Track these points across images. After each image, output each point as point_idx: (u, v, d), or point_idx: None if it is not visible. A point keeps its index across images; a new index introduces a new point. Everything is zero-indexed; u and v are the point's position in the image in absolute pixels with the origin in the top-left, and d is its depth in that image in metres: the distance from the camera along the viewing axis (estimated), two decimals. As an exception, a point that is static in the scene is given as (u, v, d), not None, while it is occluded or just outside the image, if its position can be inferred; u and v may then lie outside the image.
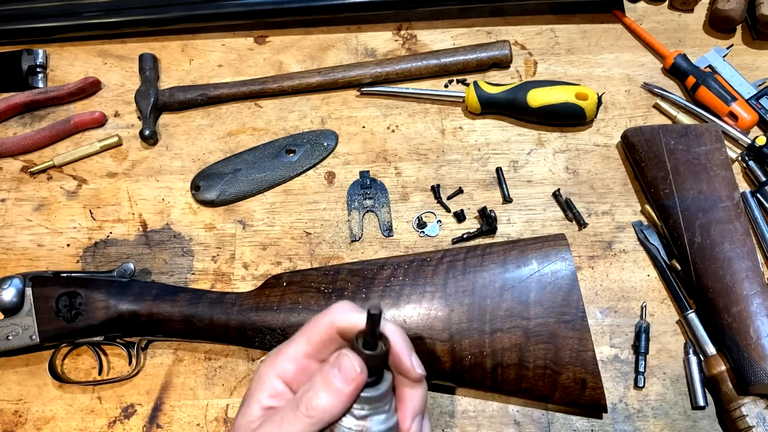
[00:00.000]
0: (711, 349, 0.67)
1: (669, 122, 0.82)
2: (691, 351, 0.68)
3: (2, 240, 0.79)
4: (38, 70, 0.88)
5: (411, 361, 0.46)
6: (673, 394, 0.68)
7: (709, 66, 0.83)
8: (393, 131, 0.83)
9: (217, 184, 0.79)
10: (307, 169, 0.81)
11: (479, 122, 0.83)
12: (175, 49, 0.90)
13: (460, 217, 0.77)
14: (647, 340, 0.69)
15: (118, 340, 0.70)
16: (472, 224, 0.77)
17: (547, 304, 0.63)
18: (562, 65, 0.86)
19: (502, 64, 0.85)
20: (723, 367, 0.65)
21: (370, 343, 0.44)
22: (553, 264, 0.64)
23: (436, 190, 0.79)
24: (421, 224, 0.77)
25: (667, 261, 0.73)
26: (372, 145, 0.82)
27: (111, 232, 0.79)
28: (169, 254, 0.77)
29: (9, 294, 0.67)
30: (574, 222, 0.77)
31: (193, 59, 0.89)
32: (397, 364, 0.47)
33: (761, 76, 0.83)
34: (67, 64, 0.90)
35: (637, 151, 0.76)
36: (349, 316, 0.46)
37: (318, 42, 0.90)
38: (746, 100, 0.80)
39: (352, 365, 0.44)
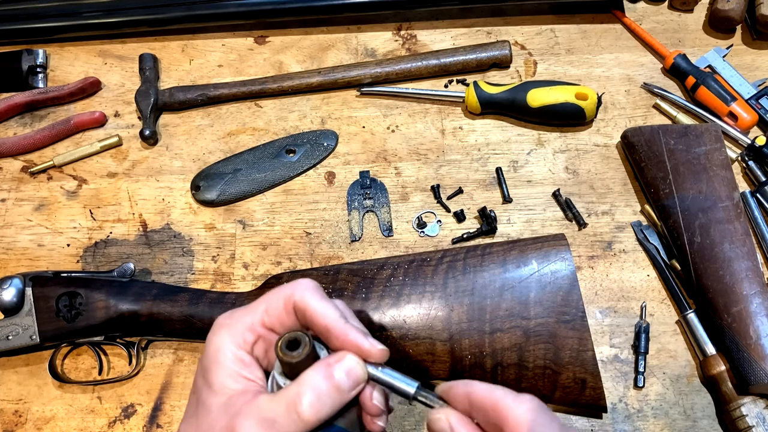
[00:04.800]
0: (711, 349, 0.67)
1: (669, 122, 0.82)
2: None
3: (2, 240, 0.79)
4: (38, 70, 0.88)
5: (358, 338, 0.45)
6: (673, 394, 0.68)
7: (709, 66, 0.83)
8: (393, 131, 0.83)
9: (217, 184, 0.79)
10: (307, 169, 0.81)
11: (479, 122, 0.83)
12: (175, 49, 0.90)
13: (460, 217, 0.77)
14: (647, 340, 0.69)
15: (118, 340, 0.70)
16: (472, 224, 0.77)
17: (547, 304, 0.63)
18: (562, 65, 0.86)
19: (502, 64, 0.85)
20: (723, 367, 0.65)
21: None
22: (553, 264, 0.64)
23: (436, 190, 0.79)
24: (421, 224, 0.77)
25: (667, 261, 0.73)
26: (372, 145, 0.82)
27: (111, 232, 0.79)
28: (169, 254, 0.77)
29: (9, 294, 0.67)
30: (573, 222, 0.77)
31: (193, 59, 0.90)
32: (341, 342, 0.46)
33: (761, 76, 0.83)
34: (67, 64, 0.90)
35: (637, 151, 0.76)
36: (308, 296, 0.46)
37: (318, 42, 0.90)
38: (746, 100, 0.80)
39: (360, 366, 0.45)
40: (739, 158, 0.78)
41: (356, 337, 0.45)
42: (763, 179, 0.76)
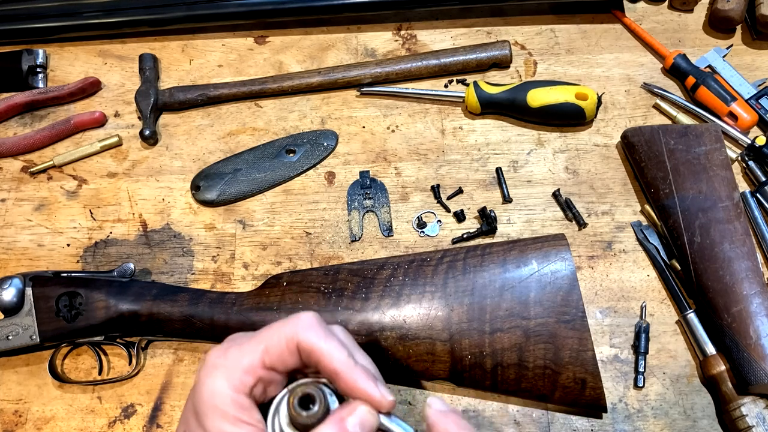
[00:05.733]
0: (711, 349, 0.67)
1: (669, 122, 0.82)
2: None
3: (2, 240, 0.79)
4: (38, 70, 0.88)
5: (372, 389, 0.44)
6: (672, 394, 0.68)
7: (709, 66, 0.83)
8: (393, 131, 0.83)
9: (217, 184, 0.79)
10: (307, 169, 0.81)
11: (479, 122, 0.83)
12: (175, 49, 0.90)
13: (460, 217, 0.77)
14: (647, 340, 0.69)
15: (118, 340, 0.70)
16: (472, 224, 0.77)
17: (547, 304, 0.63)
18: (562, 65, 0.86)
19: (502, 64, 0.85)
20: (722, 367, 0.65)
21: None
22: (553, 264, 0.64)
23: (436, 190, 0.79)
24: (421, 224, 0.77)
25: (667, 261, 0.73)
26: (372, 145, 0.82)
27: (111, 232, 0.79)
28: (169, 254, 0.77)
29: (9, 294, 0.67)
30: (573, 222, 0.77)
31: (193, 59, 0.90)
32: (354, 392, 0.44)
33: (761, 76, 0.83)
34: (67, 64, 0.90)
35: (637, 151, 0.76)
36: (313, 337, 0.45)
37: (318, 42, 0.90)
38: (746, 100, 0.80)
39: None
40: (739, 158, 0.78)
41: (366, 385, 0.44)
42: (763, 179, 0.76)
